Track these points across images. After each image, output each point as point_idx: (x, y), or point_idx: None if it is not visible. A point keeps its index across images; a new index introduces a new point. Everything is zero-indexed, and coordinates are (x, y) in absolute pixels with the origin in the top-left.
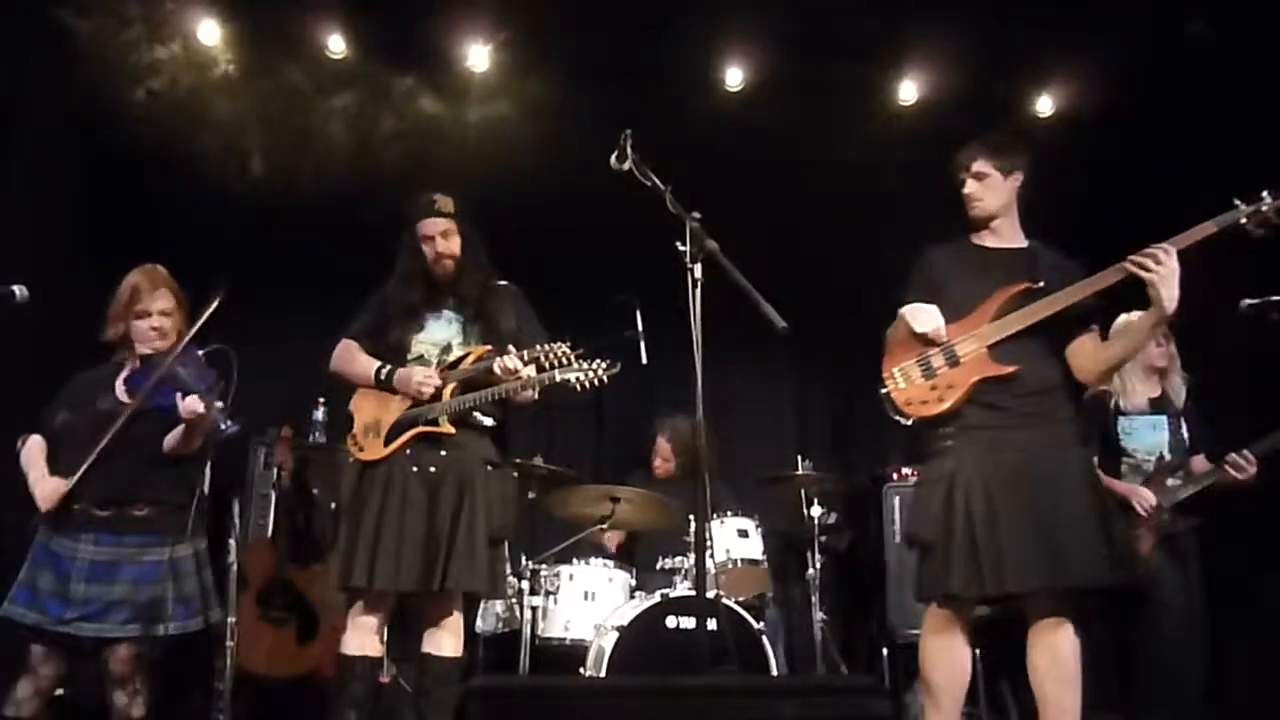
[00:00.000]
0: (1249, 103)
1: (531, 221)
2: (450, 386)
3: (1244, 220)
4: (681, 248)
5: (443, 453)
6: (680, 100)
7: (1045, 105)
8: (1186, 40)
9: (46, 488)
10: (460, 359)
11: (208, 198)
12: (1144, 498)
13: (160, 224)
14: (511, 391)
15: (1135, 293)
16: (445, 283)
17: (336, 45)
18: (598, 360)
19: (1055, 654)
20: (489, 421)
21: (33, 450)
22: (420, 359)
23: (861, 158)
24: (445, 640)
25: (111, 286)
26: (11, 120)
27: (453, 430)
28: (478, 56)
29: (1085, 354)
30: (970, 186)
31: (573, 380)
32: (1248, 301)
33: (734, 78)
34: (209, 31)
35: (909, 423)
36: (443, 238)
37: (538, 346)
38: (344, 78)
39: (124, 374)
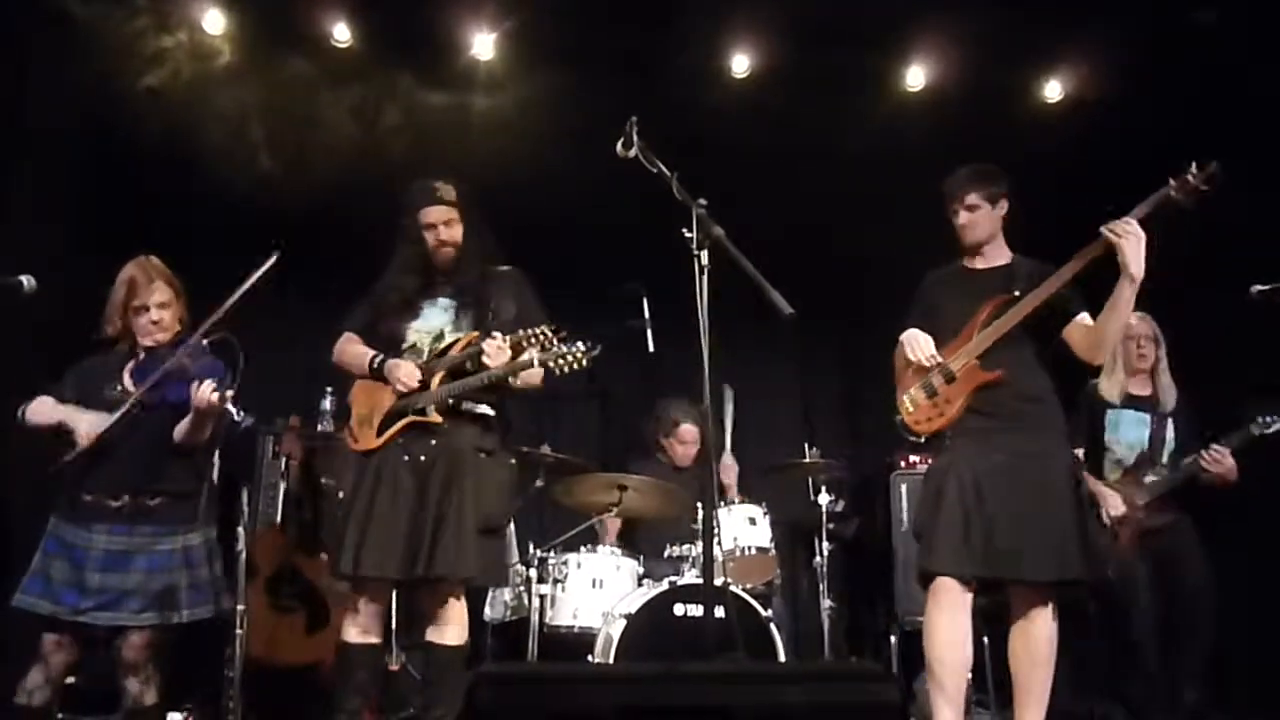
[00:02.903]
0: (1256, 88)
1: (538, 210)
2: (438, 375)
3: (1174, 194)
4: (688, 235)
5: (433, 441)
6: (687, 88)
7: (1054, 91)
8: (1194, 26)
9: (87, 419)
10: (449, 346)
11: (213, 188)
12: (1112, 506)
13: (164, 216)
14: (498, 378)
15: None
16: (445, 270)
17: (342, 34)
18: (579, 343)
19: (1032, 640)
20: (483, 408)
21: (46, 402)
22: (413, 348)
23: (868, 144)
24: (448, 630)
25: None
26: (17, 117)
27: (439, 419)
28: (483, 45)
29: (1079, 336)
30: (963, 218)
31: (551, 364)
32: (1257, 288)
33: (740, 65)
34: (213, 21)
35: (922, 440)
36: (445, 226)
37: (520, 331)
38: (349, 67)
39: (130, 365)
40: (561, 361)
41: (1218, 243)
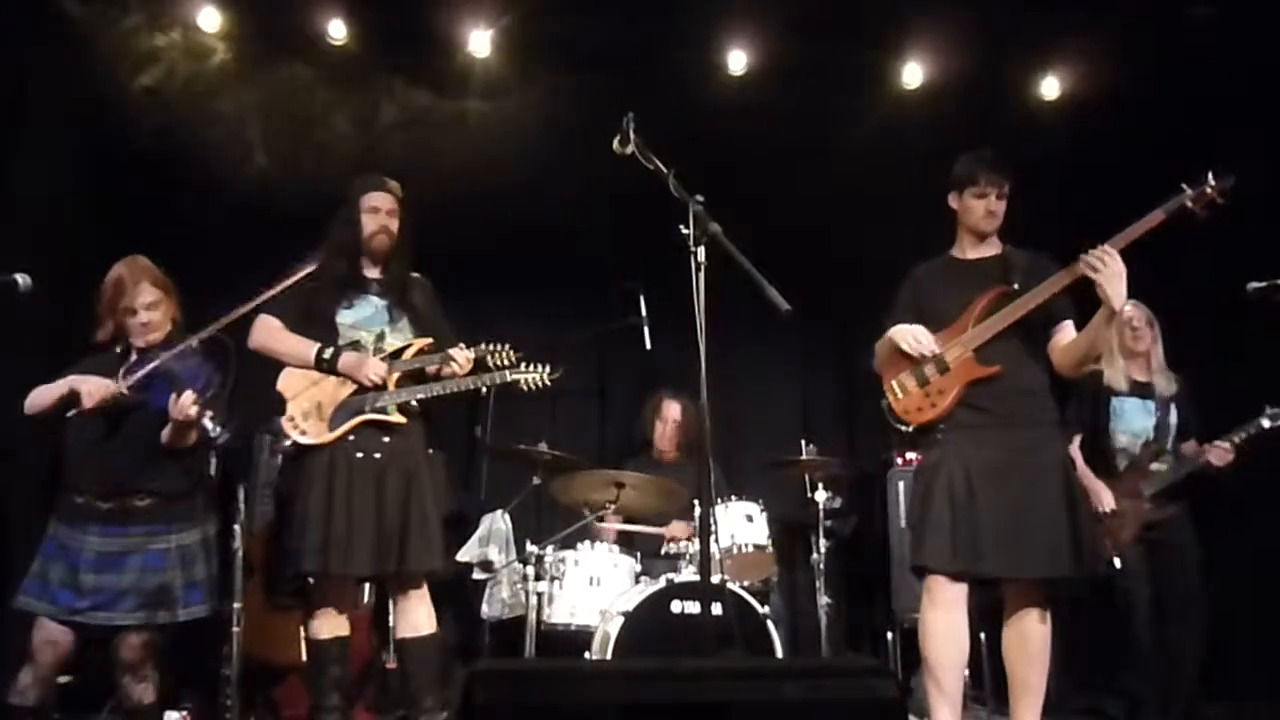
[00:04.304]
0: (1253, 83)
1: (534, 207)
2: (394, 376)
3: (1189, 204)
4: (685, 231)
5: (386, 439)
6: (684, 85)
7: (1051, 88)
8: (1190, 21)
9: (92, 382)
10: (401, 350)
11: (210, 186)
12: (1103, 500)
13: (161, 214)
14: (466, 388)
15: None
16: (376, 259)
17: (337, 31)
18: (541, 366)
19: (1026, 636)
20: (416, 408)
21: (44, 387)
22: (356, 345)
23: (865, 141)
24: (419, 619)
25: None
26: (15, 116)
27: (404, 420)
28: (479, 42)
29: (1058, 349)
30: (995, 205)
31: (521, 382)
32: (1254, 285)
33: (737, 62)
34: (209, 19)
35: (909, 429)
36: (388, 214)
37: (483, 346)
38: (345, 65)
39: (123, 368)
40: (527, 378)
41: (1214, 239)
